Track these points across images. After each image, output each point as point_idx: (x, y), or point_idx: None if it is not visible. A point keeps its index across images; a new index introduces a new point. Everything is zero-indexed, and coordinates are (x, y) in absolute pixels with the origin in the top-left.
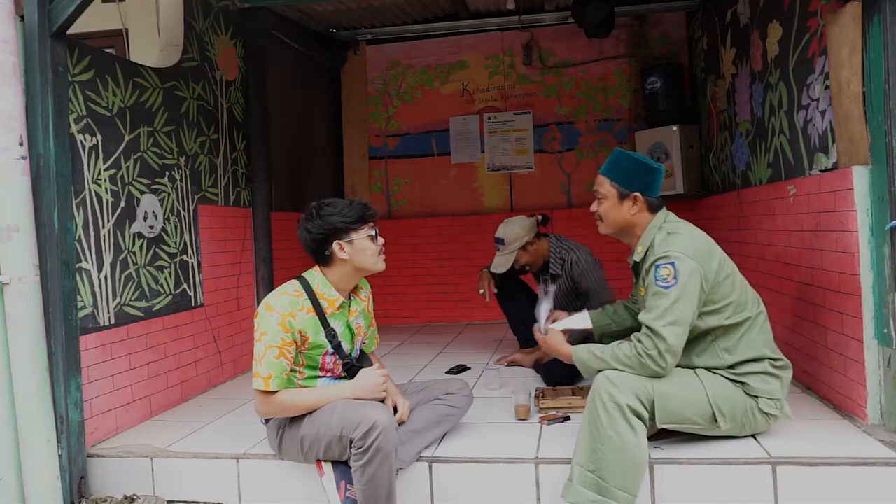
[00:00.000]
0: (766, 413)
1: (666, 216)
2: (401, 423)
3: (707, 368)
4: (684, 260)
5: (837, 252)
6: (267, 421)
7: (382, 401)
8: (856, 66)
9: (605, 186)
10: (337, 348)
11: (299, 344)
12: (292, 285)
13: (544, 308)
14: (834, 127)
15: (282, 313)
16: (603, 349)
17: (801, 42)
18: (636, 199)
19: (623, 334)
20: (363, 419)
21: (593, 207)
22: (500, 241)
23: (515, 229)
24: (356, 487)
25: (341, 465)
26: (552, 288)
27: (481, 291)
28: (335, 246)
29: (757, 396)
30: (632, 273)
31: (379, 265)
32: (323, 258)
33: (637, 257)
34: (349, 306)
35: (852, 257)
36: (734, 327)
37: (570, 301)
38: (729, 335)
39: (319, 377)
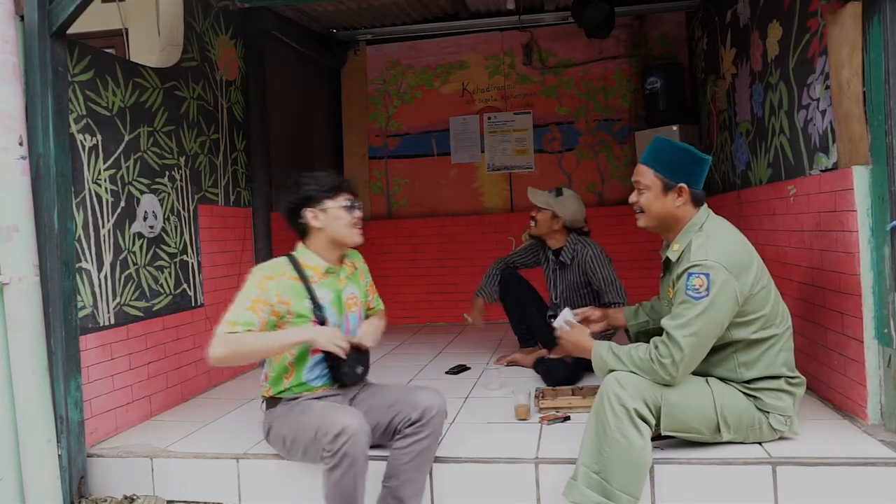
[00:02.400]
0: (773, 428)
1: (707, 214)
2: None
3: (721, 379)
4: (719, 271)
5: (837, 252)
6: (265, 411)
7: (338, 357)
8: (856, 66)
9: (648, 177)
10: (321, 322)
11: (281, 312)
12: (280, 258)
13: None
14: (834, 127)
15: (262, 275)
16: (621, 349)
17: (801, 42)
18: (681, 191)
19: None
20: (333, 424)
21: (633, 198)
22: (558, 192)
23: (573, 204)
24: (323, 490)
25: None
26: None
27: (470, 320)
28: (308, 213)
29: (768, 412)
30: (661, 268)
31: (354, 237)
32: (299, 228)
33: (672, 255)
34: (338, 274)
35: (852, 257)
36: (758, 343)
37: (579, 296)
38: (750, 350)
39: (310, 354)
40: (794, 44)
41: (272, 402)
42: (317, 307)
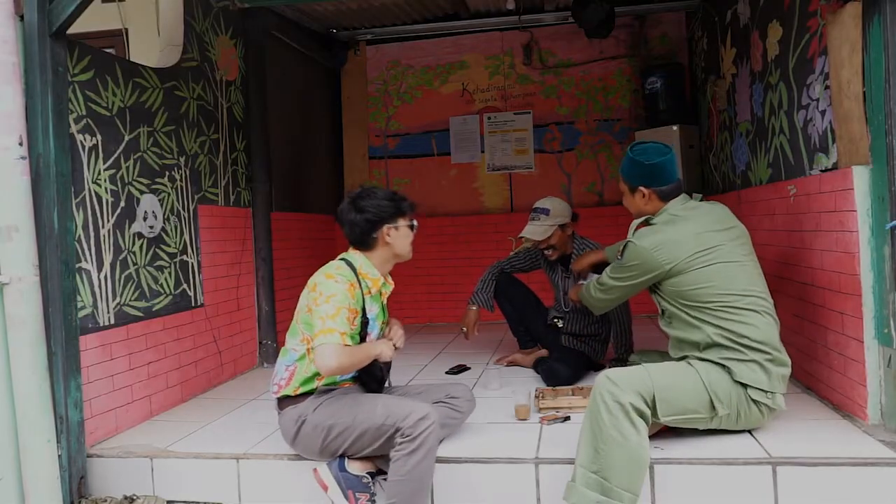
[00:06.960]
0: (756, 402)
1: (684, 203)
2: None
3: (683, 341)
4: (638, 249)
5: (837, 252)
6: (282, 408)
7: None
8: (856, 66)
9: (621, 183)
10: (364, 336)
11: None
12: (342, 263)
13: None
14: (834, 127)
15: (348, 283)
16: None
17: (801, 42)
18: (643, 192)
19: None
20: (415, 409)
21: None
22: (544, 212)
23: (562, 206)
24: (393, 478)
25: (346, 475)
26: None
27: (464, 329)
28: (384, 229)
29: (745, 385)
30: None
31: (411, 253)
32: (368, 241)
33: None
34: (383, 290)
35: (852, 257)
36: (704, 305)
37: None
38: (699, 311)
39: None
40: (794, 44)
41: (298, 398)
42: (365, 322)
